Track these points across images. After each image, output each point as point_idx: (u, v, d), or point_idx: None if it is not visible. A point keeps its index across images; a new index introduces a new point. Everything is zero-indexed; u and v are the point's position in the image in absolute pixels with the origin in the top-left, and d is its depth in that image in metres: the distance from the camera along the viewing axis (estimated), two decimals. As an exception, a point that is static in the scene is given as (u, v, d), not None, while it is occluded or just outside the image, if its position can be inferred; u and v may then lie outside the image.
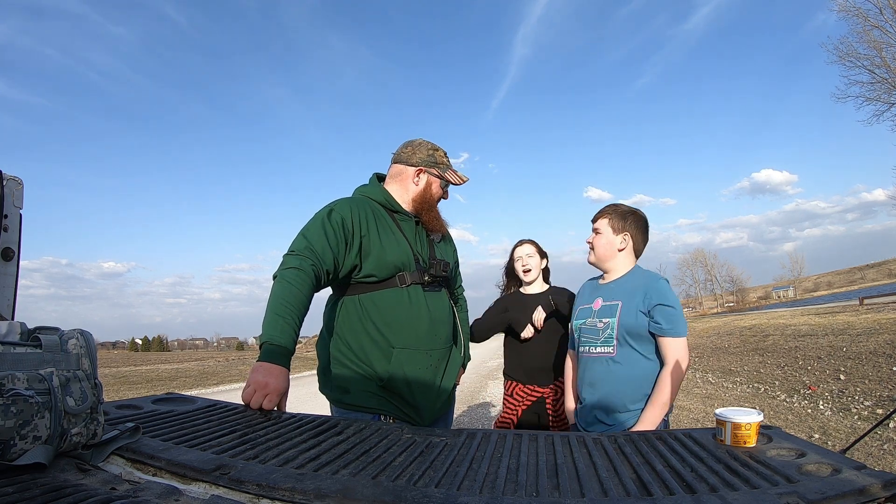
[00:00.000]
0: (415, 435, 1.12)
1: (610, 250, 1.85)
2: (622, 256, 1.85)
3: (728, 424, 0.99)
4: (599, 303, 1.85)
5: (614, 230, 1.84)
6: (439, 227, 1.80)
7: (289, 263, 1.48)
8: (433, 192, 1.78)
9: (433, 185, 1.77)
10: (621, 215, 1.86)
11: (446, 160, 1.82)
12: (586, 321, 1.86)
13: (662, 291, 1.72)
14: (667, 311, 1.69)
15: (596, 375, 1.80)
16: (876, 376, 6.56)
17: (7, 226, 1.74)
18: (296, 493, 0.77)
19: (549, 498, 0.77)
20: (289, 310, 1.41)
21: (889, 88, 15.85)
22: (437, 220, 1.79)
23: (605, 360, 1.77)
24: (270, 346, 1.37)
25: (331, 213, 1.58)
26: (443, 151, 1.82)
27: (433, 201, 1.78)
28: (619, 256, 1.85)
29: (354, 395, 1.59)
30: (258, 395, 1.28)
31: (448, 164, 1.82)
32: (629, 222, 1.85)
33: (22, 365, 0.84)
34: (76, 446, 0.89)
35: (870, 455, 4.07)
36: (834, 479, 0.78)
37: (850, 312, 12.51)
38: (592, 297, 1.90)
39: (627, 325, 1.73)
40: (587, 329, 1.85)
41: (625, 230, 1.84)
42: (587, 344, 1.84)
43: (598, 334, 1.81)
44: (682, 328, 1.70)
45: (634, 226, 1.86)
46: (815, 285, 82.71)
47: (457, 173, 1.82)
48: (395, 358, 1.57)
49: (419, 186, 1.76)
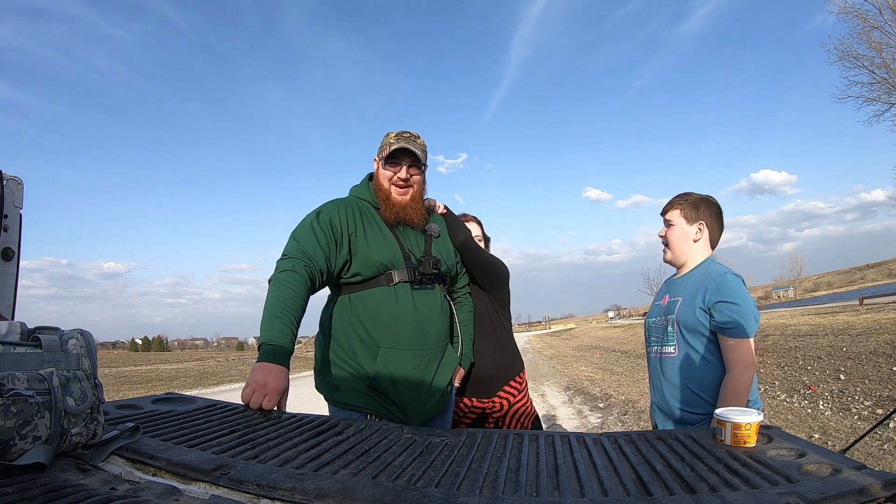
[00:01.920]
0: (415, 435, 1.12)
1: (685, 242, 1.74)
2: (698, 248, 1.73)
3: (728, 424, 0.99)
4: (667, 299, 1.75)
5: (688, 220, 1.73)
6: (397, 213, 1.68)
7: (282, 267, 1.51)
8: (378, 175, 1.73)
9: (378, 168, 1.74)
10: (693, 204, 1.74)
11: (392, 138, 1.68)
12: (656, 319, 1.76)
13: (727, 285, 1.57)
14: (729, 308, 1.54)
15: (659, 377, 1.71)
16: (876, 376, 6.56)
17: (7, 226, 1.74)
18: (296, 493, 0.77)
19: (550, 498, 0.77)
20: (285, 311, 1.43)
21: (889, 89, 15.84)
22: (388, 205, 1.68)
23: (668, 361, 1.67)
24: (269, 347, 1.39)
25: (319, 215, 1.62)
26: (394, 133, 1.69)
27: (379, 184, 1.71)
28: (695, 248, 1.73)
29: (344, 393, 1.61)
30: (257, 395, 1.29)
31: (394, 140, 1.67)
32: (702, 210, 1.73)
33: (22, 365, 0.84)
34: (76, 446, 0.89)
35: (870, 455, 4.07)
36: (834, 479, 0.78)
37: (850, 312, 12.51)
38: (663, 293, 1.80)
39: (685, 322, 1.62)
40: (654, 328, 1.76)
41: (699, 219, 1.72)
42: (653, 343, 1.76)
43: (662, 333, 1.72)
44: (746, 328, 1.54)
45: (709, 214, 1.73)
46: (815, 285, 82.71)
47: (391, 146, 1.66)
48: (380, 357, 1.58)
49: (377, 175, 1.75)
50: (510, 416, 2.01)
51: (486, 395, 1.99)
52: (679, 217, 1.75)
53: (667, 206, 1.80)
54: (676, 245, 1.76)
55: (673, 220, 1.77)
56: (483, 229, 2.24)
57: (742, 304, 1.54)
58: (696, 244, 1.73)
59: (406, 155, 1.68)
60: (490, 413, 2.02)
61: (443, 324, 1.72)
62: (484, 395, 1.99)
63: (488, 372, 1.98)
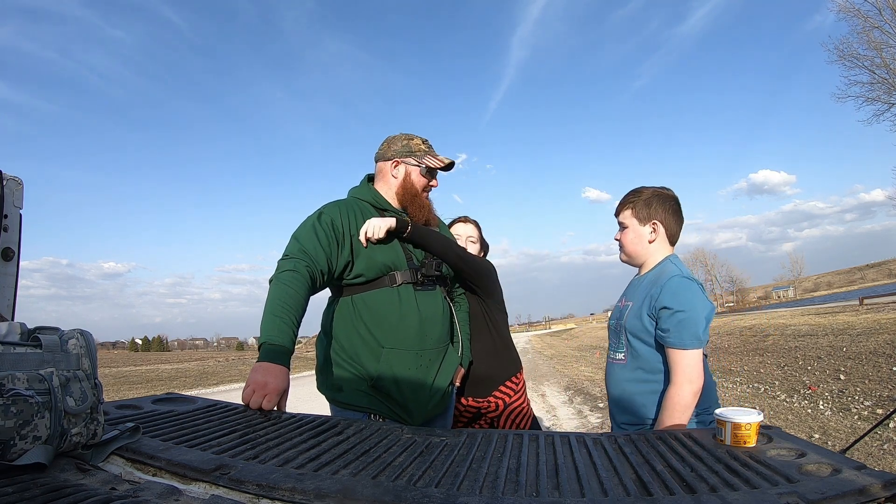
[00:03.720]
0: (415, 435, 1.12)
1: (640, 244, 1.65)
2: (655, 247, 1.65)
3: (728, 424, 0.99)
4: (623, 302, 1.68)
5: (640, 220, 1.65)
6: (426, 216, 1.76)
7: (283, 267, 1.51)
8: (413, 181, 1.75)
9: (412, 173, 1.75)
10: (646, 202, 1.64)
11: (424, 146, 1.78)
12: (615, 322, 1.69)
13: (672, 291, 1.46)
14: (671, 315, 1.44)
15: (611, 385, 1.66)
16: (876, 376, 6.56)
17: (7, 226, 1.74)
18: (296, 493, 0.77)
19: (550, 498, 0.77)
20: (285, 310, 1.43)
21: (889, 88, 15.84)
22: (423, 210, 1.76)
23: (619, 369, 1.62)
24: (269, 346, 1.38)
25: (320, 216, 1.63)
26: (420, 139, 1.78)
27: (415, 190, 1.75)
28: (651, 248, 1.65)
29: (347, 393, 1.61)
30: (257, 395, 1.29)
31: (427, 149, 1.78)
32: (654, 207, 1.63)
33: (22, 365, 0.84)
34: (76, 446, 0.89)
35: (870, 455, 4.07)
36: (834, 479, 0.78)
37: (850, 312, 12.51)
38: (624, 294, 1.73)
39: (633, 329, 1.55)
40: (611, 332, 1.70)
41: (652, 218, 1.64)
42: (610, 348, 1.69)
43: (616, 338, 1.66)
44: (689, 338, 1.42)
45: (662, 210, 1.64)
46: (815, 285, 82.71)
47: (437, 157, 1.77)
48: (384, 358, 1.59)
49: (398, 179, 1.76)
50: (505, 416, 2.01)
51: (481, 394, 1.99)
52: (631, 217, 1.66)
53: (619, 206, 1.71)
54: (631, 248, 1.68)
55: (626, 222, 1.68)
56: (481, 233, 2.23)
57: (687, 311, 1.43)
58: (651, 244, 1.65)
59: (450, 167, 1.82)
60: (485, 413, 2.01)
61: (444, 324, 1.73)
62: (480, 394, 1.99)
63: (483, 372, 1.97)
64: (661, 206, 1.64)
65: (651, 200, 1.64)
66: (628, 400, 1.57)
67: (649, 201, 1.64)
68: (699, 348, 1.45)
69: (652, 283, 1.56)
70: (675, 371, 1.44)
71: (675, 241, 1.68)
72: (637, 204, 1.65)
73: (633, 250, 1.67)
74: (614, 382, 1.64)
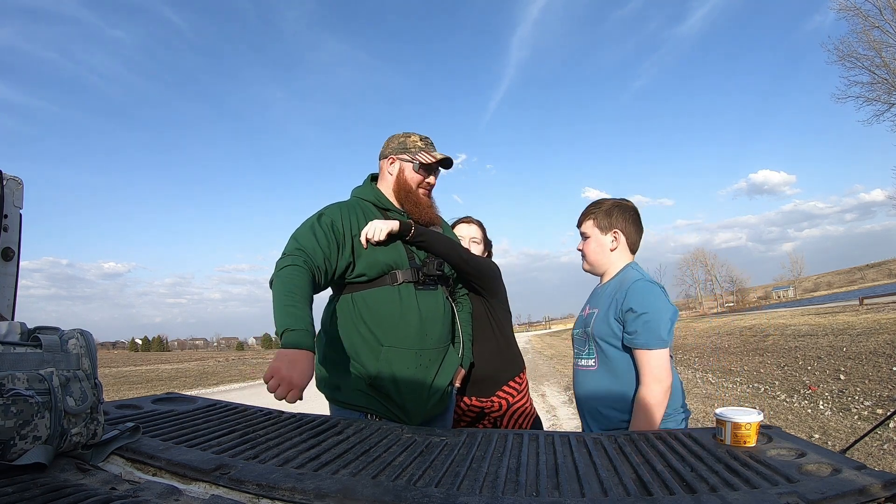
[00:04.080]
0: (415, 435, 1.12)
1: (602, 253, 1.72)
2: (616, 256, 1.72)
3: (728, 424, 0.99)
4: (588, 310, 1.74)
5: (602, 230, 1.71)
6: (424, 215, 1.74)
7: (282, 264, 1.51)
8: (406, 177, 1.74)
9: (405, 170, 1.75)
10: (606, 212, 1.71)
11: (420, 143, 1.75)
12: (579, 331, 1.75)
13: (636, 294, 1.53)
14: (636, 317, 1.49)
15: (580, 390, 1.70)
16: (876, 376, 6.56)
17: (7, 226, 1.74)
18: (296, 493, 0.77)
19: (550, 498, 0.77)
20: (294, 297, 1.42)
21: (889, 89, 15.85)
22: (418, 208, 1.74)
23: (589, 374, 1.66)
24: (289, 333, 1.37)
25: (321, 217, 1.63)
26: (417, 136, 1.77)
27: (409, 187, 1.74)
28: (613, 256, 1.72)
29: (345, 392, 1.61)
30: (282, 389, 1.28)
31: (423, 146, 1.75)
32: (615, 217, 1.71)
33: (22, 365, 0.84)
34: (76, 446, 0.89)
35: (870, 455, 4.07)
36: (834, 479, 0.78)
37: (850, 312, 12.52)
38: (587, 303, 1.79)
39: (600, 335, 1.60)
40: (577, 339, 1.76)
41: (613, 227, 1.71)
42: (576, 355, 1.74)
43: (583, 345, 1.70)
44: (654, 339, 1.48)
45: (623, 220, 1.71)
46: (815, 285, 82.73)
47: (431, 153, 1.75)
48: (383, 356, 1.58)
49: (393, 176, 1.76)
50: (508, 415, 2.01)
51: (484, 394, 1.99)
52: (593, 227, 1.73)
53: (580, 217, 1.78)
54: (594, 257, 1.74)
55: (588, 232, 1.75)
56: (485, 233, 2.22)
57: (651, 312, 1.49)
58: (613, 253, 1.72)
59: (444, 167, 1.79)
60: (488, 412, 2.02)
61: (445, 324, 1.72)
62: (483, 394, 1.99)
63: (487, 372, 1.98)
64: (621, 215, 1.71)
65: (612, 210, 1.72)
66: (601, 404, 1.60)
67: (610, 211, 1.72)
68: (665, 348, 1.50)
69: (616, 289, 1.62)
70: (643, 371, 1.49)
71: (636, 249, 1.76)
72: (598, 214, 1.72)
73: (596, 259, 1.74)
74: (585, 388, 1.67)
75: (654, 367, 1.48)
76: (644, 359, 1.49)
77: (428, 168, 1.75)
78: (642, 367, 1.49)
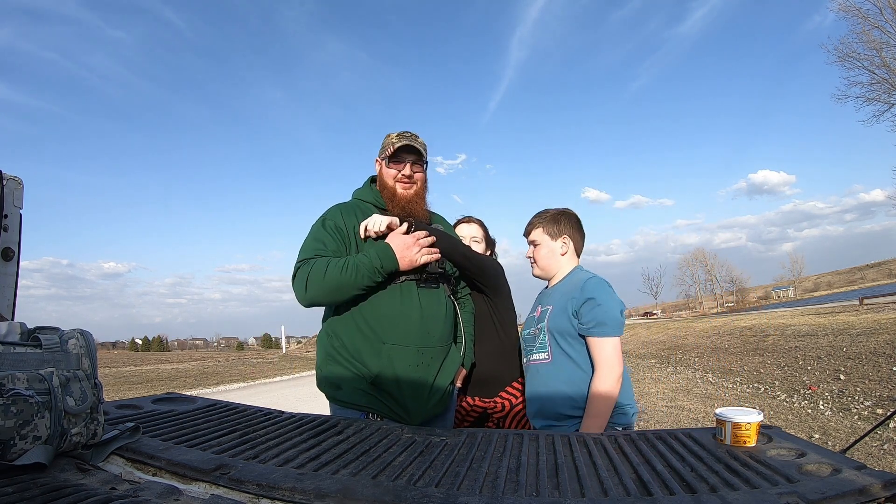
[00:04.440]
0: (415, 435, 1.12)
1: (553, 258, 1.81)
2: (565, 260, 1.83)
3: (728, 424, 0.99)
4: (539, 310, 1.82)
5: (551, 236, 1.81)
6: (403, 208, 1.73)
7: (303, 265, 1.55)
8: (383, 174, 1.77)
9: (382, 167, 1.77)
10: (554, 220, 1.82)
11: (395, 138, 1.73)
12: (530, 330, 1.83)
13: (591, 288, 1.64)
14: (592, 308, 1.59)
15: (534, 383, 1.76)
16: (876, 376, 6.56)
17: (7, 226, 1.74)
18: (296, 493, 0.77)
19: (550, 498, 0.77)
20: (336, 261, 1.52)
21: (889, 89, 15.86)
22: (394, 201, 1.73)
23: (543, 367, 1.73)
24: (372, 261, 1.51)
25: (324, 221, 1.66)
26: (395, 133, 1.74)
27: (384, 183, 1.76)
28: (563, 261, 1.82)
29: (346, 391, 1.61)
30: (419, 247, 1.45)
31: (395, 140, 1.72)
32: (563, 224, 1.82)
33: (22, 365, 0.84)
34: (76, 446, 0.89)
35: (870, 455, 4.07)
36: (834, 479, 0.78)
37: (850, 312, 12.51)
38: (536, 305, 1.87)
39: (557, 328, 1.68)
40: (528, 337, 1.82)
41: (562, 233, 1.81)
42: (528, 352, 1.81)
43: (534, 341, 1.78)
44: (610, 328, 1.59)
45: (570, 226, 1.82)
46: (815, 285, 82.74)
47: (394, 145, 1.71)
48: (384, 354, 1.59)
49: (378, 175, 1.79)
50: (511, 416, 2.00)
51: (487, 395, 1.99)
52: (543, 235, 1.82)
53: (528, 227, 1.86)
54: (545, 263, 1.83)
55: (537, 239, 1.83)
56: (487, 232, 2.22)
57: (605, 304, 1.60)
58: (563, 257, 1.82)
59: (409, 152, 1.73)
60: (491, 413, 2.01)
61: (446, 323, 1.72)
62: (486, 394, 1.99)
63: (490, 372, 1.97)
64: (568, 222, 1.82)
65: (559, 218, 1.83)
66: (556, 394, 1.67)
67: (557, 219, 1.82)
68: (618, 336, 1.62)
69: (571, 286, 1.71)
70: (599, 358, 1.59)
71: (580, 253, 1.87)
72: (546, 223, 1.83)
73: (548, 264, 1.82)
74: (539, 381, 1.72)
75: (610, 354, 1.58)
76: (601, 346, 1.59)
77: (398, 160, 1.73)
78: (599, 354, 1.59)
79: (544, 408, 1.68)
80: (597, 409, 1.56)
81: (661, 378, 10.33)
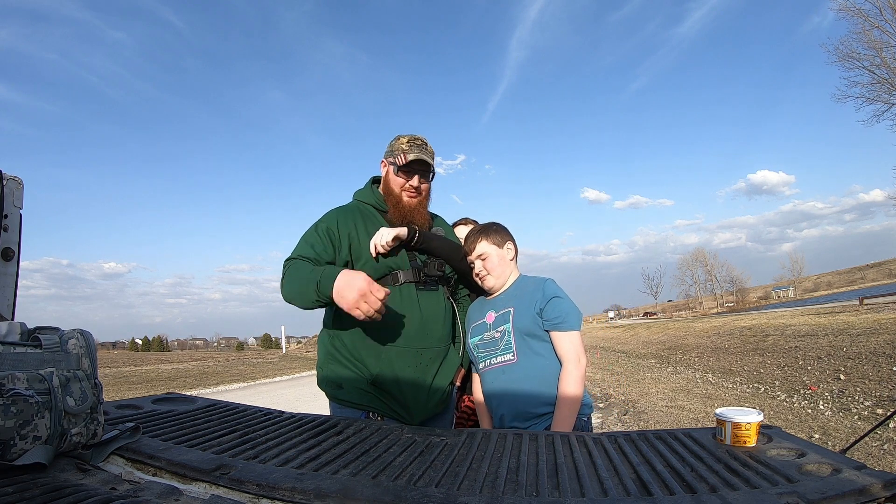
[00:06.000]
0: (415, 435, 1.12)
1: (504, 265, 1.82)
2: (514, 265, 1.86)
3: (728, 424, 0.99)
4: (492, 315, 1.79)
5: (498, 245, 1.82)
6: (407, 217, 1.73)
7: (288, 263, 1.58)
8: (389, 179, 1.76)
9: (389, 172, 1.76)
10: (492, 230, 1.83)
11: (405, 145, 1.72)
12: (483, 336, 1.80)
13: (551, 287, 1.72)
14: (557, 304, 1.67)
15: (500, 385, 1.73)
16: (876, 376, 6.56)
17: (7, 226, 1.73)
18: (296, 493, 0.77)
19: (550, 497, 0.77)
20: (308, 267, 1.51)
21: (889, 89, 15.86)
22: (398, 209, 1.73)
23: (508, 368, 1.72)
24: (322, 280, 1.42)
25: (318, 226, 1.68)
26: (406, 138, 1.74)
27: (390, 189, 1.76)
28: (512, 265, 1.85)
29: (346, 391, 1.63)
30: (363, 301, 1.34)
31: (407, 147, 1.71)
32: (502, 232, 1.85)
33: (22, 365, 0.84)
34: (76, 446, 0.89)
35: (870, 455, 4.07)
36: (834, 479, 0.78)
37: (850, 312, 12.51)
38: (483, 312, 1.84)
39: (522, 327, 1.70)
40: (484, 343, 1.79)
41: (505, 240, 1.84)
42: (487, 357, 1.77)
43: (496, 344, 1.75)
44: (574, 322, 1.69)
45: (508, 233, 1.86)
46: (815, 285, 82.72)
47: (406, 155, 1.70)
48: (384, 355, 1.61)
49: (383, 178, 1.79)
50: None
51: None
52: (489, 245, 1.82)
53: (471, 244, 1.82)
54: (500, 270, 1.81)
55: (485, 251, 1.82)
56: None
57: (567, 300, 1.70)
58: (512, 262, 1.85)
59: (420, 165, 1.73)
60: None
61: (445, 324, 1.74)
62: None
63: None
64: (504, 230, 1.87)
65: (497, 227, 1.86)
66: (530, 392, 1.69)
67: (496, 229, 1.86)
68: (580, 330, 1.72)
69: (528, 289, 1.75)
70: (568, 350, 1.66)
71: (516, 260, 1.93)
72: (489, 233, 1.84)
73: (502, 271, 1.82)
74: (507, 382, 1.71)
75: (576, 346, 1.67)
76: (568, 339, 1.66)
77: (407, 171, 1.72)
78: (567, 346, 1.66)
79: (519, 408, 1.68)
80: (570, 399, 1.60)
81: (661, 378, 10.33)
